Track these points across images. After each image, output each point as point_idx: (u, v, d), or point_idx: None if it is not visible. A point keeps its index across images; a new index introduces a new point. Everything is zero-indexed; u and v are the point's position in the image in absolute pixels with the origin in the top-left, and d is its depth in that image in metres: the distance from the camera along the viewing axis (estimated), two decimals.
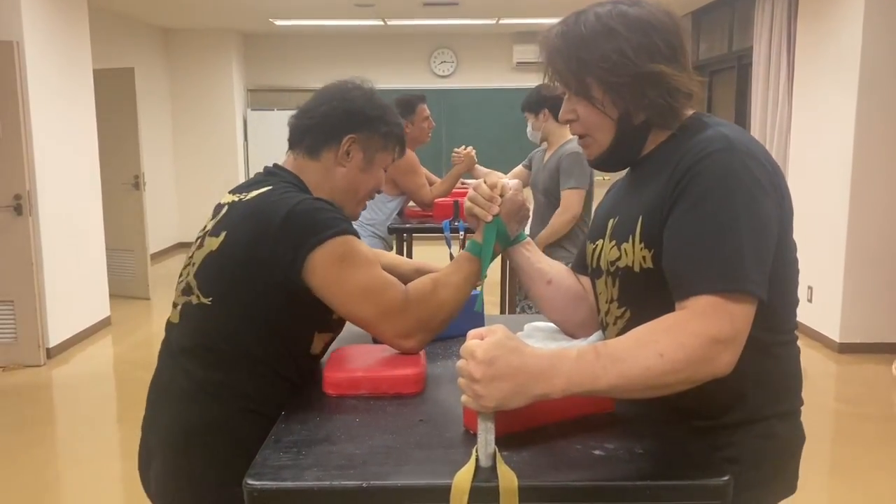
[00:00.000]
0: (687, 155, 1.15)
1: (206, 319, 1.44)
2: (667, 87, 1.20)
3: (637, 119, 1.24)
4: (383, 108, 1.60)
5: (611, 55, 1.19)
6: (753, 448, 1.22)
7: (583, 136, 1.30)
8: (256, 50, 9.45)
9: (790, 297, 1.25)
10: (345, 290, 1.38)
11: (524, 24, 8.61)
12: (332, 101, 1.58)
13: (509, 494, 0.99)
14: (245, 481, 1.01)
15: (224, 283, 1.42)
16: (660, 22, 1.22)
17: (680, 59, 1.22)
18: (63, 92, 5.27)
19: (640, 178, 1.28)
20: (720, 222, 1.09)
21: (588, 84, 1.23)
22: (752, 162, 1.13)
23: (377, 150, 1.58)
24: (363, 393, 1.32)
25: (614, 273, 1.27)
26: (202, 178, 9.16)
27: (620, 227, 1.27)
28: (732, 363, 1.05)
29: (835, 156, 5.03)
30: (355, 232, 1.44)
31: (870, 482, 3.27)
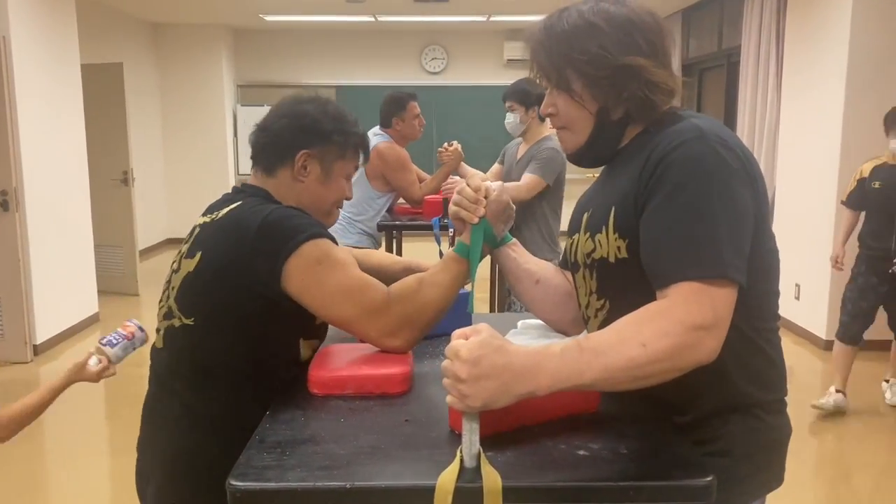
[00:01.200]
0: (659, 145, 1.16)
1: (192, 340, 1.44)
2: (645, 80, 1.22)
3: (615, 114, 1.26)
4: (337, 119, 1.58)
5: (591, 49, 1.22)
6: (743, 439, 1.23)
7: (561, 128, 1.32)
8: (246, 45, 9.41)
9: (771, 285, 1.25)
10: (324, 292, 1.38)
11: (515, 22, 8.61)
12: (283, 117, 1.57)
13: (493, 495, 0.99)
14: (228, 482, 1.00)
15: (205, 301, 1.43)
16: (642, 20, 1.24)
17: (660, 57, 1.25)
18: (51, 87, 5.23)
19: (613, 171, 1.30)
20: (696, 210, 1.10)
21: (568, 77, 1.25)
22: (724, 150, 1.14)
23: (334, 160, 1.57)
24: (349, 392, 1.31)
25: (591, 265, 1.28)
26: (191, 174, 9.12)
27: (593, 219, 1.28)
28: (717, 349, 1.06)
29: (822, 153, 5.05)
30: (329, 235, 1.45)
31: (854, 477, 3.29)
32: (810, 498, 3.15)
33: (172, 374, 1.49)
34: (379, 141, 3.95)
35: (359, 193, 3.98)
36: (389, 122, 3.99)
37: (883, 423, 3.94)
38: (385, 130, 4.01)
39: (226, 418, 1.44)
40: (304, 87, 9.31)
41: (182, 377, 1.47)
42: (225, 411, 1.44)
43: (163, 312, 1.52)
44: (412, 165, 4.05)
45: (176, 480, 1.48)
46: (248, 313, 1.40)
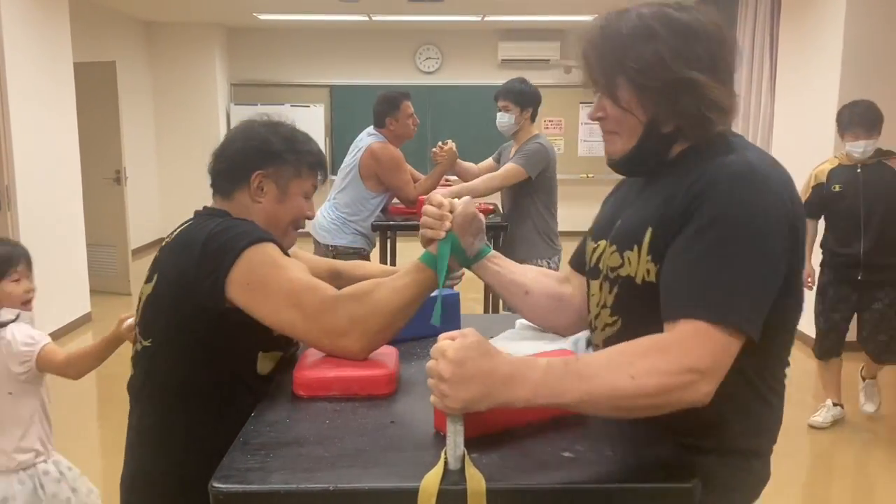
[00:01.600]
0: (706, 175, 1.11)
1: (149, 361, 1.48)
2: (702, 96, 1.15)
3: (666, 127, 1.19)
4: (289, 139, 1.60)
5: (646, 56, 1.15)
6: (723, 477, 1.20)
7: (609, 133, 1.25)
8: (240, 44, 9.39)
9: (789, 339, 1.22)
10: (268, 296, 1.36)
11: (509, 22, 8.61)
12: (236, 141, 1.60)
13: (477, 497, 0.99)
14: (211, 484, 1.00)
15: (160, 321, 1.45)
16: (705, 30, 1.17)
17: (721, 73, 1.17)
18: (43, 85, 5.21)
19: (655, 186, 1.22)
20: (723, 253, 1.06)
21: (617, 83, 1.18)
22: (770, 195, 1.09)
23: (290, 179, 1.58)
24: (334, 394, 1.31)
25: (613, 280, 1.23)
26: (184, 173, 9.08)
27: (625, 233, 1.23)
28: (710, 394, 1.03)
29: (816, 153, 5.06)
30: (273, 239, 1.45)
31: (845, 476, 3.30)
32: (806, 499, 3.15)
33: (137, 395, 1.53)
34: (373, 141, 3.95)
35: (353, 194, 3.98)
36: (383, 122, 3.98)
37: (878, 428, 3.95)
38: (379, 130, 4.00)
39: (179, 437, 1.46)
40: (297, 86, 9.29)
41: (144, 396, 1.51)
42: (180, 430, 1.46)
43: (134, 339, 1.56)
44: (406, 165, 4.04)
45: (138, 493, 1.51)
46: (199, 330, 1.40)
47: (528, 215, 3.86)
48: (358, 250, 4.03)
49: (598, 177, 9.50)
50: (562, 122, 9.40)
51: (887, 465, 3.47)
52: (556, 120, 9.34)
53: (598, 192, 9.48)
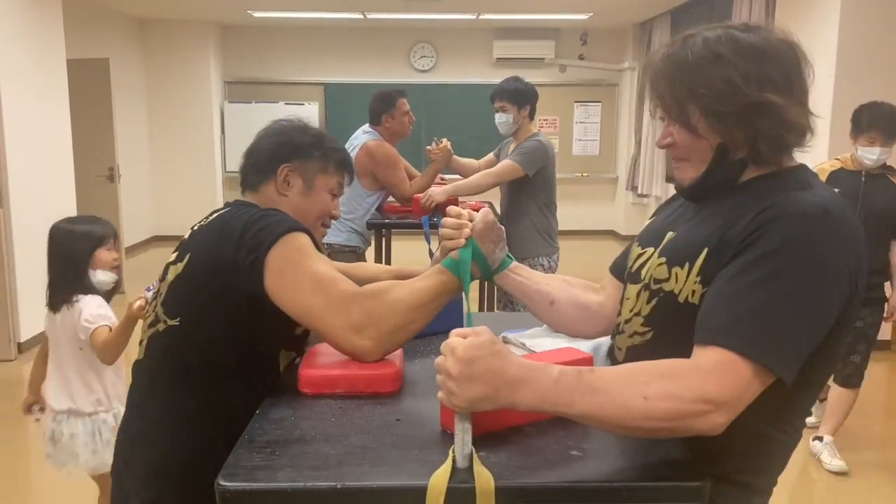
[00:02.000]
0: (776, 206, 1.07)
1: (175, 340, 1.45)
2: (779, 119, 1.11)
3: (737, 153, 1.15)
4: (316, 135, 1.65)
5: (717, 83, 1.11)
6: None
7: (679, 160, 1.22)
8: (234, 42, 9.36)
9: (814, 390, 1.19)
10: (296, 282, 1.36)
11: (504, 20, 8.60)
12: (265, 137, 1.65)
13: (486, 495, 0.98)
14: (217, 482, 0.99)
15: (192, 300, 1.44)
16: (775, 50, 1.13)
17: (795, 93, 1.13)
18: (36, 82, 5.17)
19: (718, 207, 1.18)
20: (775, 286, 1.02)
21: (689, 112, 1.15)
22: (838, 242, 1.05)
23: (316, 173, 1.62)
24: (339, 392, 1.30)
25: (654, 291, 1.20)
26: (178, 171, 9.06)
27: (678, 248, 1.19)
28: (723, 426, 1.00)
29: (810, 150, 5.08)
30: (308, 231, 1.46)
31: (841, 476, 3.31)
32: (797, 497, 3.16)
33: (153, 378, 1.49)
34: (368, 139, 3.94)
35: (348, 192, 3.96)
36: (379, 120, 3.97)
37: (869, 423, 3.97)
38: (374, 128, 3.99)
39: (204, 415, 1.43)
40: (292, 84, 9.27)
41: (162, 380, 1.47)
42: (204, 408, 1.43)
43: (147, 322, 1.53)
44: (402, 163, 4.03)
45: (159, 483, 1.46)
46: (233, 310, 1.40)
47: (528, 213, 3.87)
48: (353, 248, 4.02)
49: (592, 176, 9.51)
50: (556, 121, 9.40)
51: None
52: (550, 119, 9.35)
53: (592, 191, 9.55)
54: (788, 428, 1.19)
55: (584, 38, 9.19)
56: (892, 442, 3.76)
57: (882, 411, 4.21)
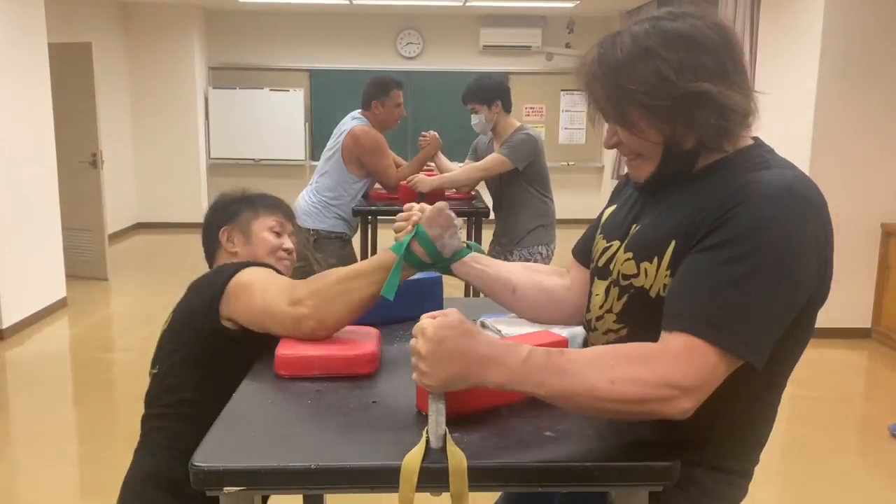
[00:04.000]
0: (739, 191, 1.06)
1: (154, 386, 1.64)
2: (716, 107, 1.09)
3: (687, 143, 1.14)
4: (241, 195, 1.90)
5: (649, 78, 1.10)
6: (704, 488, 1.19)
7: (630, 158, 1.21)
8: (219, 27, 9.27)
9: (787, 370, 1.19)
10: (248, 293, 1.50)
11: (491, 7, 8.57)
12: (205, 217, 1.90)
13: (458, 475, 0.99)
14: (191, 462, 0.99)
15: (166, 348, 1.63)
16: (705, 36, 1.11)
17: (732, 77, 1.12)
18: (16, 67, 5.11)
19: (681, 196, 1.17)
20: (741, 271, 1.02)
21: (628, 112, 1.14)
22: (804, 222, 1.04)
23: (248, 222, 1.83)
24: (316, 374, 1.31)
25: (625, 287, 1.20)
26: (162, 157, 8.99)
27: (644, 242, 1.18)
28: (689, 411, 1.01)
29: (794, 145, 5.11)
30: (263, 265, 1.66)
31: (821, 462, 3.36)
32: (779, 482, 3.20)
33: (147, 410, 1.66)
34: (356, 125, 3.93)
35: (335, 177, 3.96)
36: (369, 105, 3.95)
37: (849, 410, 4.02)
38: (363, 114, 3.98)
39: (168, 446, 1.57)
40: (277, 70, 9.21)
41: (144, 422, 1.66)
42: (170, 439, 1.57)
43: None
44: (388, 150, 4.03)
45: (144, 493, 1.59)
46: (196, 347, 1.57)
47: (527, 204, 3.86)
48: (340, 234, 4.02)
49: (579, 164, 9.52)
50: (543, 109, 9.40)
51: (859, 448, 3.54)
52: (537, 107, 9.34)
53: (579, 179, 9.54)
54: (767, 407, 1.20)
55: (570, 26, 9.17)
56: (870, 428, 3.81)
57: (861, 398, 4.26)
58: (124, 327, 5.27)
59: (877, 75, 4.86)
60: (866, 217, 4.97)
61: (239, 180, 9.21)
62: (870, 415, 4.01)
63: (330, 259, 3.94)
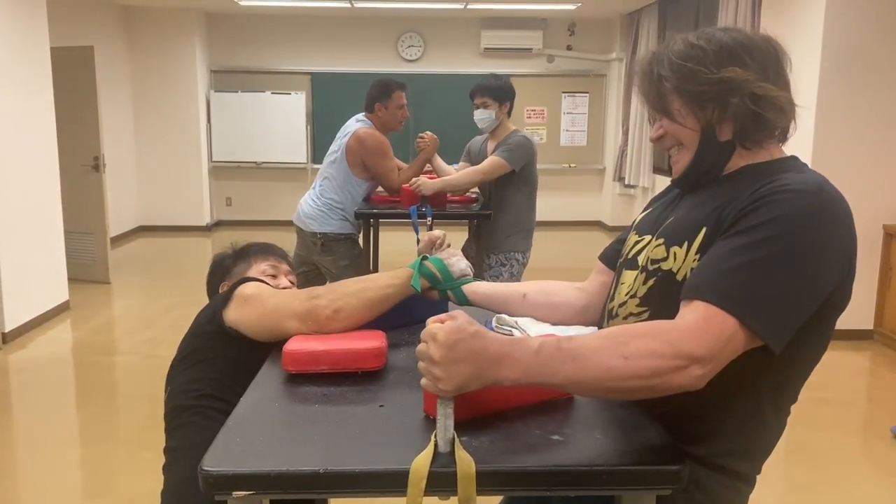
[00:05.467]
0: (772, 184, 1.10)
1: (169, 406, 1.68)
2: (749, 93, 1.15)
3: (723, 135, 1.20)
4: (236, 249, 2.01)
5: (688, 64, 1.18)
6: (708, 489, 1.19)
7: (673, 147, 1.27)
8: (221, 30, 9.29)
9: (802, 375, 1.20)
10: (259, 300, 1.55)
11: (492, 10, 8.58)
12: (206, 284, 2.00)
13: (467, 479, 0.99)
14: (201, 467, 1.00)
15: (176, 369, 1.69)
16: (751, 42, 1.19)
17: (770, 74, 1.18)
18: (19, 71, 5.12)
19: (717, 192, 1.20)
20: (764, 254, 1.04)
21: (668, 98, 1.22)
22: (833, 220, 1.07)
23: (244, 273, 1.91)
24: (323, 369, 1.31)
25: (653, 272, 1.22)
26: (164, 160, 9.00)
27: (676, 229, 1.22)
28: (703, 379, 1.02)
29: (795, 146, 5.11)
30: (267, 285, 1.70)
31: (823, 464, 3.35)
32: (781, 482, 3.20)
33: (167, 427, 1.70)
34: (360, 127, 3.93)
35: (340, 180, 3.96)
36: (372, 107, 3.96)
37: (851, 412, 4.02)
38: (367, 116, 3.99)
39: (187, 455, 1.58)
40: (278, 73, 9.22)
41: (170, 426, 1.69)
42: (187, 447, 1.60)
43: None
44: (392, 153, 4.03)
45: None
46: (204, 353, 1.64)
47: (512, 207, 3.90)
48: (348, 236, 4.01)
49: (579, 167, 9.52)
50: (544, 112, 9.40)
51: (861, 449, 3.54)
52: (538, 109, 9.35)
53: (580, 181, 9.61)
54: (778, 412, 1.20)
55: (571, 28, 9.18)
56: (873, 430, 3.81)
57: (863, 400, 4.26)
58: (126, 330, 5.28)
59: (878, 77, 4.87)
60: (868, 219, 4.97)
61: (240, 183, 9.28)
62: (872, 417, 4.01)
63: (341, 261, 3.94)
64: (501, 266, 3.93)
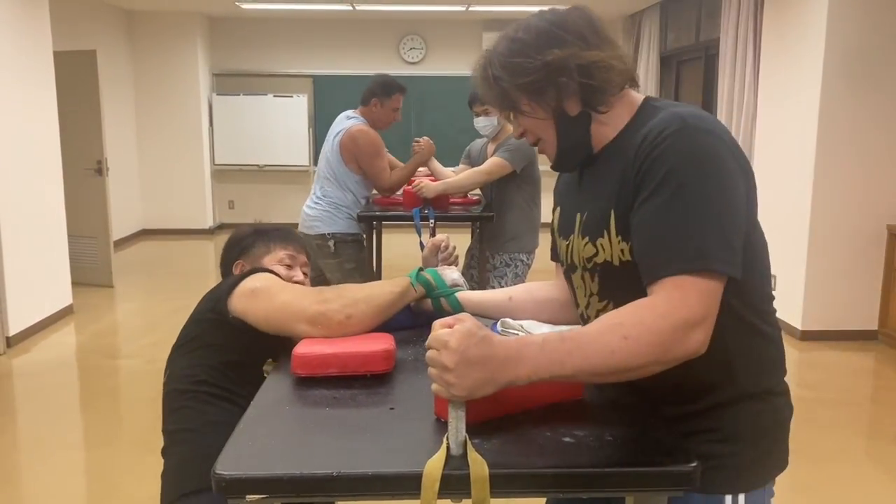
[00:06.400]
0: (644, 141, 1.14)
1: (168, 395, 1.68)
2: (575, 66, 1.19)
3: (572, 110, 1.23)
4: (257, 228, 1.97)
5: (515, 59, 1.21)
6: (748, 424, 1.23)
7: (536, 143, 1.31)
8: (222, 33, 9.31)
9: (765, 271, 1.25)
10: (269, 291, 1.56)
11: (494, 12, 8.59)
12: (221, 254, 1.98)
13: (480, 482, 0.99)
14: (214, 470, 1.00)
15: (175, 353, 1.69)
16: (565, 19, 1.22)
17: (591, 40, 1.21)
18: (22, 75, 5.13)
19: (600, 171, 1.26)
20: (683, 204, 1.08)
21: (513, 98, 1.25)
22: (709, 139, 1.12)
23: (262, 256, 1.89)
24: (333, 372, 1.31)
25: (592, 269, 1.26)
26: (166, 163, 9.02)
27: (591, 223, 1.26)
28: (705, 343, 1.06)
29: (798, 146, 5.11)
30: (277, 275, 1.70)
31: (828, 465, 3.35)
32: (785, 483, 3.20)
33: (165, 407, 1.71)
34: (353, 124, 3.92)
35: (338, 179, 3.96)
36: (368, 101, 3.96)
37: (856, 412, 4.02)
38: (360, 109, 3.98)
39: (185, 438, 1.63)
40: (280, 76, 9.23)
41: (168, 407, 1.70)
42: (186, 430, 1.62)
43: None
44: (385, 151, 4.02)
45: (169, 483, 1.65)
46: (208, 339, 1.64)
47: (515, 208, 3.90)
48: (355, 236, 4.01)
49: None
50: None
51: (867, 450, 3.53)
52: None
53: None
54: (762, 315, 1.24)
55: None
56: (877, 430, 3.80)
57: (868, 400, 4.25)
58: (130, 334, 5.28)
59: (881, 77, 4.86)
60: (872, 219, 4.97)
61: (243, 186, 9.29)
62: (877, 417, 4.01)
63: (347, 264, 3.93)
64: (506, 267, 3.93)
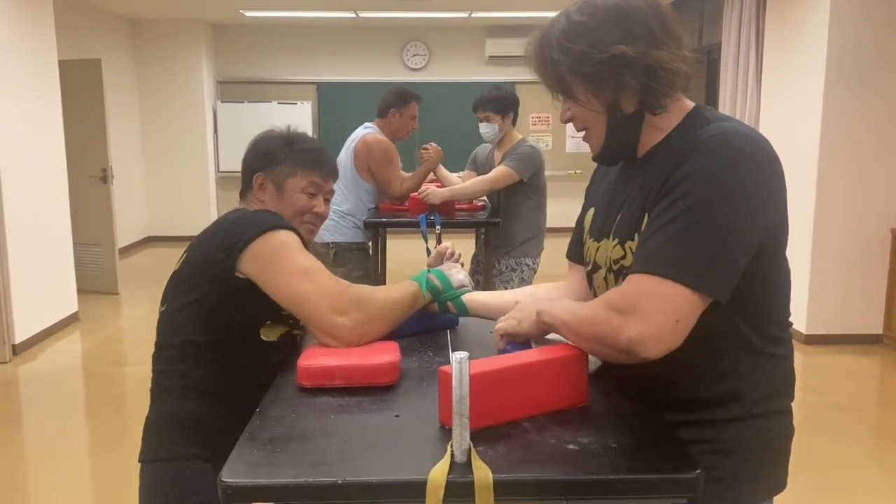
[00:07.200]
0: (684, 151, 1.15)
1: (162, 324, 1.66)
2: (641, 66, 1.18)
3: (628, 108, 1.23)
4: (288, 140, 1.79)
5: (577, 47, 1.20)
6: (749, 440, 1.24)
7: (583, 130, 1.30)
8: (226, 41, 9.34)
9: (782, 301, 1.25)
10: (284, 269, 1.51)
11: (497, 18, 8.61)
12: (247, 150, 1.82)
13: (484, 489, 1.00)
14: (220, 478, 1.00)
15: (175, 288, 1.64)
16: (632, 8, 1.20)
17: (659, 39, 1.19)
18: (28, 83, 5.16)
19: (642, 175, 1.26)
20: (691, 218, 1.10)
21: (568, 83, 1.23)
22: (745, 162, 1.11)
23: (285, 177, 1.76)
24: (337, 384, 1.32)
25: (618, 271, 1.27)
26: (171, 171, 9.05)
27: (625, 225, 1.27)
28: (637, 342, 1.08)
29: (802, 150, 5.11)
30: (293, 228, 1.62)
31: (833, 469, 3.34)
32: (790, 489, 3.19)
33: (156, 353, 1.68)
34: (367, 133, 3.95)
35: (349, 188, 3.97)
36: (386, 112, 3.99)
37: (861, 416, 4.00)
38: (379, 121, 4.01)
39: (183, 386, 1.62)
40: (284, 83, 9.26)
41: (154, 357, 1.68)
42: (183, 380, 1.62)
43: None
44: (398, 161, 4.04)
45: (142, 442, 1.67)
46: (205, 294, 1.57)
47: (521, 215, 3.90)
48: (360, 245, 4.02)
49: (586, 173, 9.53)
50: (549, 119, 9.42)
51: (871, 455, 3.52)
52: (543, 116, 9.36)
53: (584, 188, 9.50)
54: (777, 341, 1.25)
55: None
56: (883, 434, 3.79)
57: (873, 404, 4.24)
58: (135, 341, 5.29)
59: (884, 80, 4.86)
60: (876, 223, 4.97)
61: None
62: (882, 421, 3.99)
63: (355, 272, 3.93)
64: (512, 272, 3.94)
